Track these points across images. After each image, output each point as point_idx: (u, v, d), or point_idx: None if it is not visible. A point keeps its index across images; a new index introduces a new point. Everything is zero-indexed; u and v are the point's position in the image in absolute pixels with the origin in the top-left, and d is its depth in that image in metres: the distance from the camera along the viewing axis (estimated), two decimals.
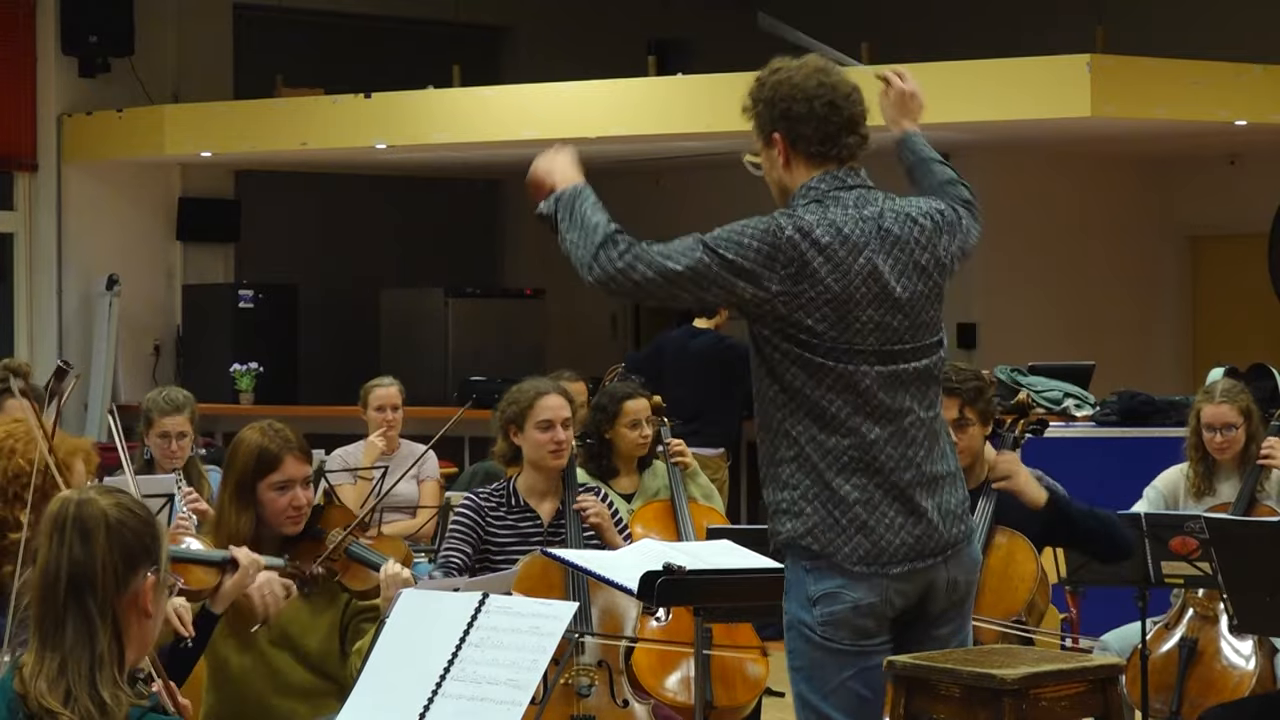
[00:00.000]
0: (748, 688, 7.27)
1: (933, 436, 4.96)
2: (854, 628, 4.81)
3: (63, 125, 14.78)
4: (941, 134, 13.18)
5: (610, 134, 13.18)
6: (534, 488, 6.84)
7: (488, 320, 15.69)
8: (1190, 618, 7.28)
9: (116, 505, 3.69)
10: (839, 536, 4.79)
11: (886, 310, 4.86)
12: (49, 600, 3.62)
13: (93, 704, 3.51)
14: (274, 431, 5.77)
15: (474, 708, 4.51)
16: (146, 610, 3.68)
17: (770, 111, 5.02)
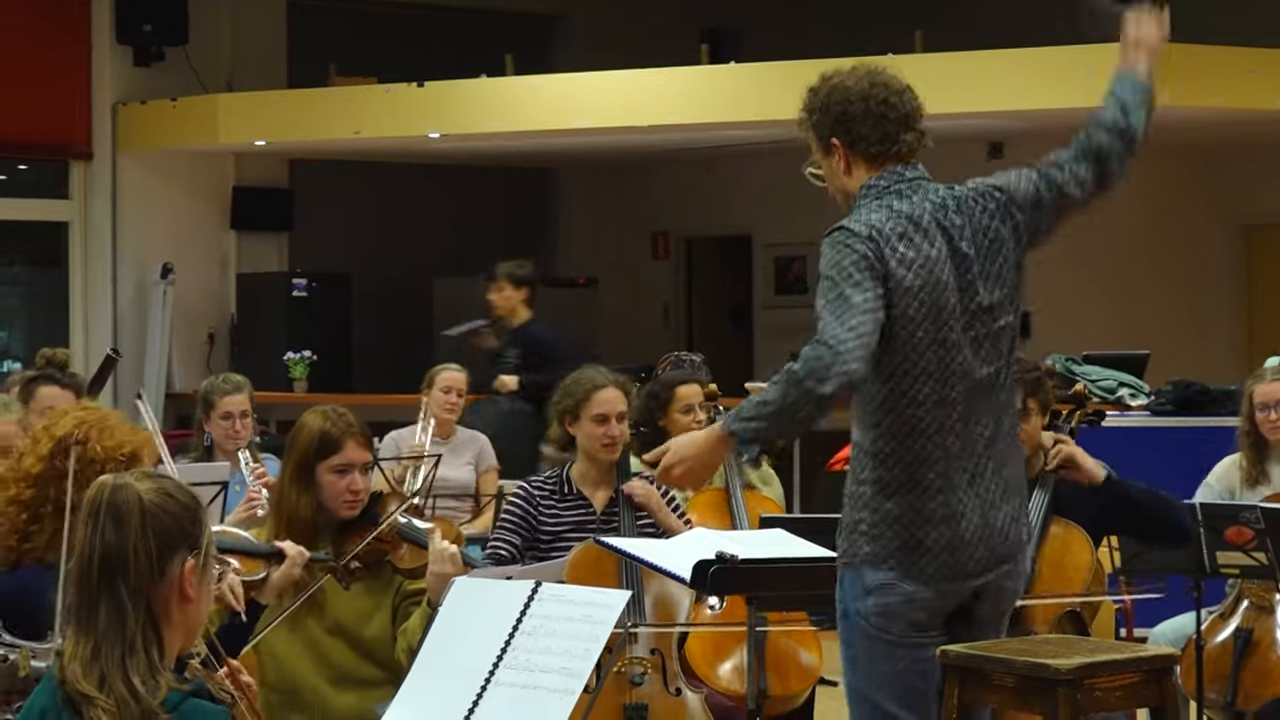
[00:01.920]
0: (801, 676, 7.25)
1: (1011, 439, 5.00)
2: (908, 620, 4.82)
3: (117, 114, 14.83)
4: (993, 122, 13.17)
5: (662, 123, 13.19)
6: (587, 476, 6.84)
7: (540, 309, 15.66)
8: (1246, 608, 7.24)
9: (153, 490, 3.68)
10: (921, 557, 4.80)
11: (966, 293, 4.87)
12: (84, 585, 3.62)
13: (126, 689, 3.51)
14: (336, 416, 5.81)
15: (527, 696, 4.51)
16: (188, 594, 3.68)
17: (826, 118, 5.00)
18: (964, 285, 4.88)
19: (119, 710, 3.49)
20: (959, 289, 4.86)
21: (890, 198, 4.89)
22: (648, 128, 13.36)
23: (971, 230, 4.94)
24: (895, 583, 4.80)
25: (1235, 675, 7.08)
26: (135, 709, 3.49)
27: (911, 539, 4.79)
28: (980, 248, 4.94)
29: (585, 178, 17.53)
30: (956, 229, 4.91)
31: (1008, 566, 4.89)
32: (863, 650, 4.86)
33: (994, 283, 4.95)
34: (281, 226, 15.74)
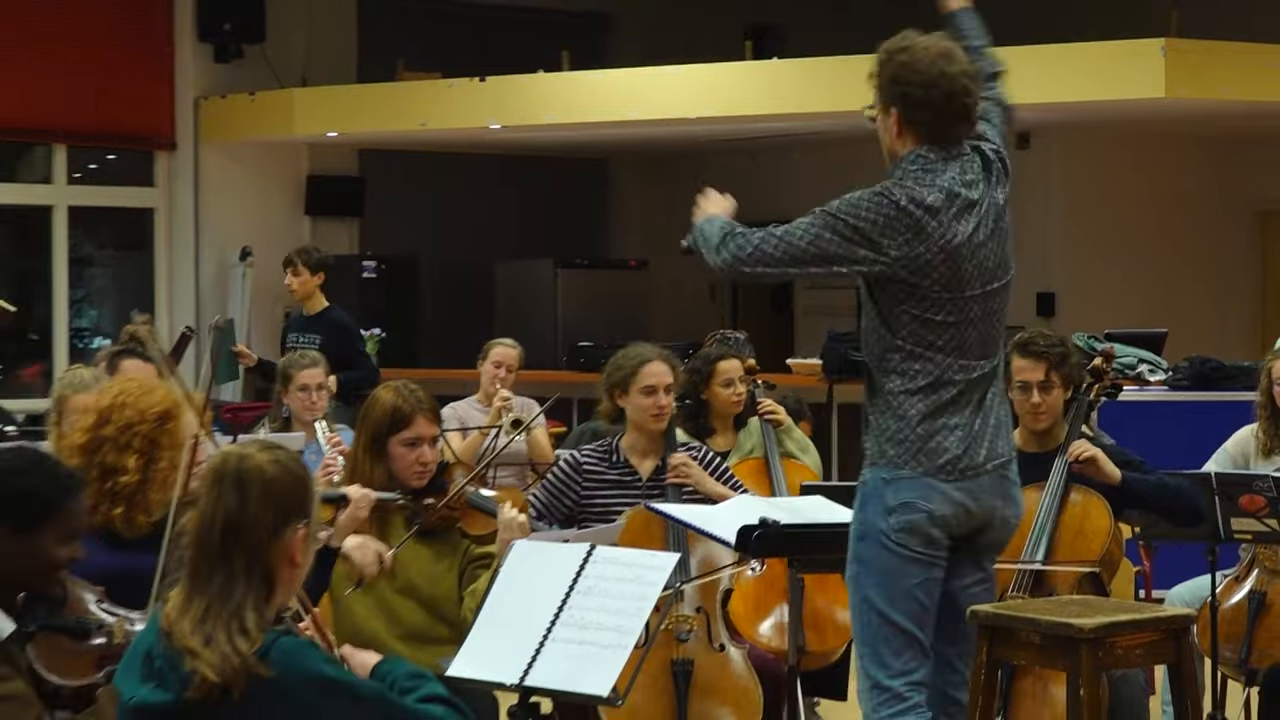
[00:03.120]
0: (837, 633, 7.26)
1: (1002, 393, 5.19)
2: (925, 536, 4.93)
3: (199, 107, 14.87)
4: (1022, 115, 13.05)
5: (709, 115, 13.17)
6: (636, 446, 6.85)
7: (595, 290, 15.71)
8: (1259, 572, 7.22)
9: (273, 461, 3.72)
10: (936, 452, 4.93)
11: (982, 258, 5.00)
12: (203, 548, 3.66)
13: (230, 647, 3.54)
14: (408, 392, 5.84)
15: (582, 651, 4.52)
16: (295, 560, 3.72)
17: (892, 88, 5.10)
18: (980, 250, 4.99)
19: (221, 664, 3.52)
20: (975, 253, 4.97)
21: (935, 171, 4.99)
22: (695, 119, 13.34)
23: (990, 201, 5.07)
24: (917, 500, 4.92)
25: (1249, 635, 7.05)
26: (235, 663, 3.53)
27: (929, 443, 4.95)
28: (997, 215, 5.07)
29: (636, 166, 17.51)
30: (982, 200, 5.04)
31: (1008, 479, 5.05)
32: (882, 565, 4.95)
33: (1001, 244, 5.08)
34: (352, 213, 15.76)
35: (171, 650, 3.60)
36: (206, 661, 3.52)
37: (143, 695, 3.62)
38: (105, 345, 11.76)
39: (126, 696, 3.67)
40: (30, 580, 4.23)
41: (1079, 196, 15.08)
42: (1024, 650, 4.77)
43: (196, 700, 3.54)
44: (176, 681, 3.57)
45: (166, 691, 3.59)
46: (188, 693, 3.53)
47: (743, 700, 6.24)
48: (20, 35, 14.09)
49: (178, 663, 3.58)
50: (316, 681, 3.58)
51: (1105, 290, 14.77)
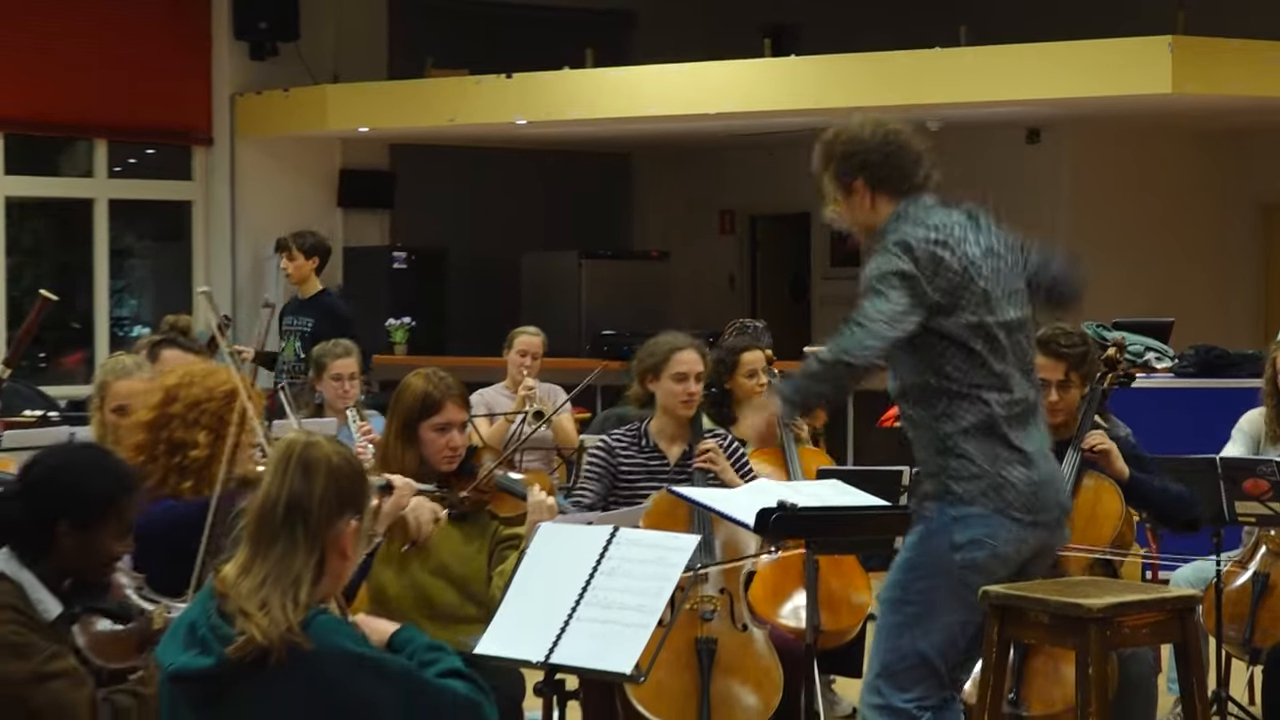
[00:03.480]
0: (852, 614, 7.27)
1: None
2: (987, 572, 4.91)
3: (235, 104, 14.89)
4: (1035, 110, 13.09)
5: (729, 110, 13.17)
6: (664, 431, 6.86)
7: (618, 280, 15.71)
8: (1263, 554, 7.20)
9: (338, 453, 3.76)
10: (1006, 492, 4.91)
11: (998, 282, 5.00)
12: (266, 522, 3.68)
13: (281, 614, 3.57)
14: (438, 379, 5.84)
15: (605, 630, 4.53)
16: (345, 552, 3.74)
17: (848, 164, 5.15)
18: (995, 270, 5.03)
19: (269, 628, 3.55)
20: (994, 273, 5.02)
21: (919, 215, 5.04)
22: (715, 115, 13.33)
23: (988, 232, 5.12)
24: (985, 539, 4.91)
25: (1253, 615, 7.04)
26: (281, 629, 3.55)
27: (999, 477, 4.93)
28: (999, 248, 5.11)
29: (658, 160, 17.51)
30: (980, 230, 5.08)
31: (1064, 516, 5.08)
32: (929, 600, 4.94)
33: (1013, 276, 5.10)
34: (383, 205, 15.78)
35: (221, 614, 3.62)
36: (257, 624, 3.56)
37: (183, 661, 3.65)
38: (144, 333, 11.77)
39: (167, 664, 3.69)
40: (87, 572, 4.27)
41: (1088, 189, 15.05)
42: (1034, 630, 4.76)
43: (235, 660, 3.55)
44: (218, 646, 3.59)
45: (207, 657, 3.61)
46: (230, 650, 3.55)
47: (764, 679, 6.24)
48: (63, 34, 14.12)
49: (223, 629, 3.60)
50: (344, 657, 3.60)
51: (1113, 280, 14.71)
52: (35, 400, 9.48)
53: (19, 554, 4.22)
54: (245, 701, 3.60)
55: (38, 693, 4.03)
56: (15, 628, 4.08)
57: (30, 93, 14.10)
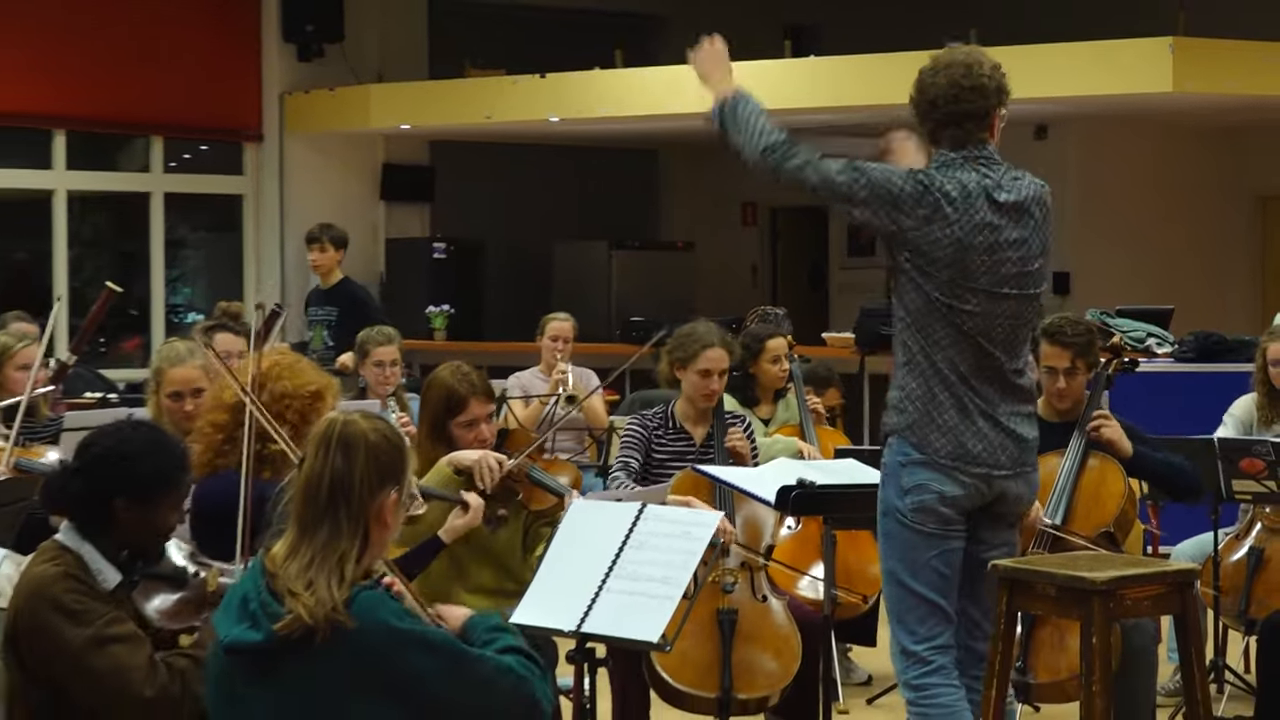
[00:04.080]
0: (868, 585, 7.25)
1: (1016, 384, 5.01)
2: (939, 515, 4.88)
3: (284, 102, 14.91)
4: (1042, 107, 13.04)
5: None
6: (688, 414, 6.87)
7: (646, 269, 15.71)
8: (1258, 530, 7.19)
9: (375, 429, 3.75)
10: (932, 434, 4.86)
11: (998, 256, 4.89)
12: (310, 502, 3.68)
13: (326, 593, 3.57)
14: (461, 375, 5.82)
15: (633, 602, 4.52)
16: (386, 522, 3.73)
17: (915, 103, 5.08)
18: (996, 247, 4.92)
19: (315, 607, 3.55)
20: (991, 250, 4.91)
21: (956, 168, 4.94)
22: None
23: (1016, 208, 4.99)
24: (929, 483, 4.87)
25: (1248, 588, 7.03)
26: (328, 607, 3.55)
27: (926, 416, 4.90)
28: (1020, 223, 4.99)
29: (684, 156, 17.49)
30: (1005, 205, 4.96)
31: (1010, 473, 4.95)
32: (902, 541, 4.92)
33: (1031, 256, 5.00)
34: (423, 199, 15.79)
35: (271, 592, 3.62)
36: (304, 604, 3.55)
37: (236, 634, 3.65)
38: (198, 320, 11.80)
39: (222, 635, 3.70)
40: (145, 544, 4.28)
41: (1092, 183, 15.01)
42: (1041, 601, 4.75)
43: (283, 637, 3.55)
44: (267, 623, 3.59)
45: (257, 632, 3.61)
46: (277, 628, 3.55)
47: (783, 647, 6.24)
48: (122, 39, 14.16)
49: (272, 606, 3.60)
50: (387, 632, 3.59)
51: (1116, 270, 14.71)
52: (95, 383, 9.51)
53: (79, 527, 4.23)
54: (293, 676, 3.60)
55: (97, 657, 4.04)
56: (76, 595, 4.10)
57: (91, 94, 14.14)
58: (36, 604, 4.09)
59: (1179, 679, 5.89)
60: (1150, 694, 6.35)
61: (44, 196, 14.25)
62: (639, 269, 15.66)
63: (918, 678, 4.92)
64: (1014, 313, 4.96)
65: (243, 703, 3.67)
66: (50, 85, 13.99)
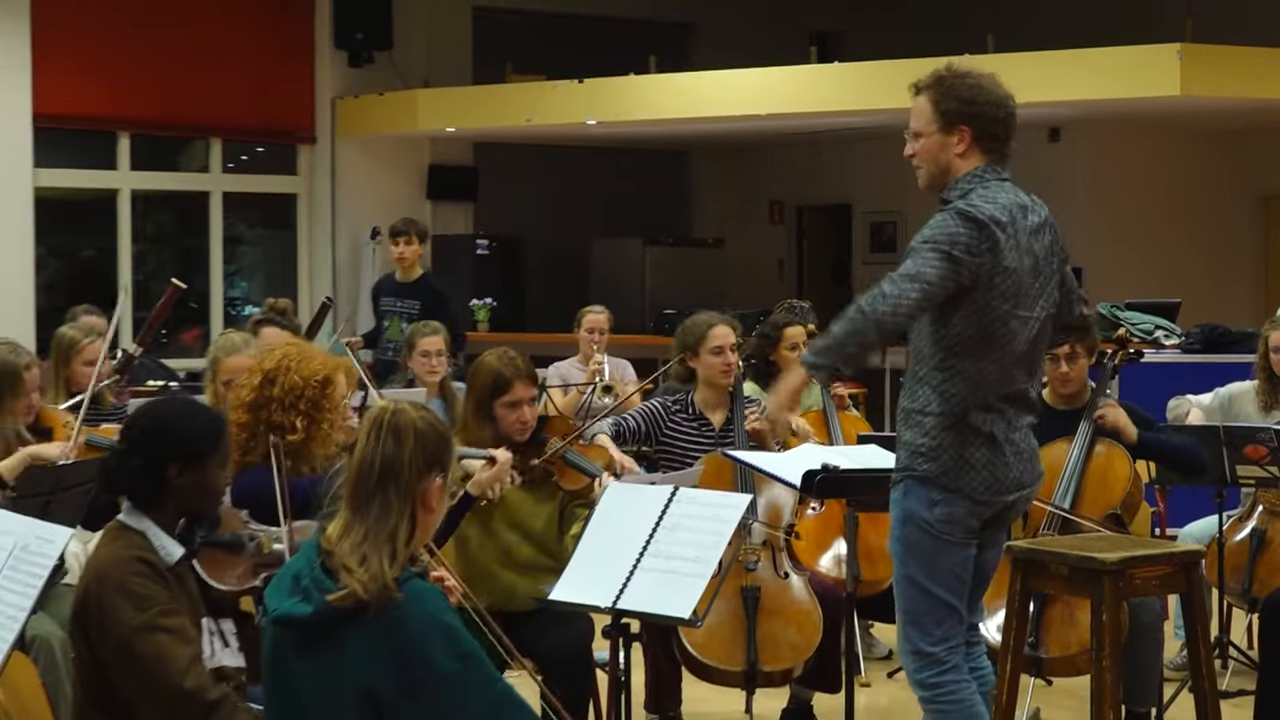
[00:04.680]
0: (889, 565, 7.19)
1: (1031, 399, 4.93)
2: (965, 526, 4.80)
3: (335, 106, 14.93)
4: (1055, 110, 13.00)
5: (778, 111, 13.14)
6: (707, 401, 6.88)
7: (678, 264, 15.69)
8: (1261, 512, 7.17)
9: (423, 418, 3.78)
10: (967, 475, 4.76)
11: (1038, 276, 4.81)
12: (362, 484, 3.70)
13: (378, 567, 3.59)
14: (507, 359, 5.84)
15: (666, 579, 4.53)
16: (431, 506, 3.76)
17: (964, 107, 4.81)
18: (1035, 270, 4.82)
19: (369, 582, 3.57)
20: (1032, 269, 4.80)
21: (993, 189, 4.77)
22: (765, 116, 13.30)
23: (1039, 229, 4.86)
24: (951, 501, 4.77)
25: (1251, 568, 7.02)
26: (380, 582, 3.57)
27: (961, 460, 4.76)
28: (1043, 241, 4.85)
29: (714, 157, 17.48)
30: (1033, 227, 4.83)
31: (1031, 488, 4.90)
32: (926, 549, 4.82)
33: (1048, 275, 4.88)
34: (468, 198, 15.80)
35: (325, 569, 3.64)
36: (359, 578, 3.57)
37: (286, 607, 3.67)
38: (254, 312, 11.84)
39: (272, 609, 3.72)
40: (202, 506, 4.31)
41: (1103, 183, 14.96)
42: (1053, 581, 4.74)
43: (335, 609, 3.57)
44: (319, 596, 3.61)
45: (308, 604, 3.63)
46: (332, 599, 3.57)
47: (804, 621, 6.24)
48: (183, 46, 14.19)
49: (325, 582, 3.61)
50: (435, 624, 3.60)
51: (1126, 265, 14.66)
52: (158, 372, 9.54)
53: (138, 504, 4.25)
54: (339, 646, 3.62)
55: (143, 642, 4.04)
56: (140, 580, 4.10)
57: (154, 98, 14.18)
58: (103, 583, 4.11)
59: (1185, 655, 5.88)
60: (1156, 668, 6.33)
61: (109, 196, 14.30)
62: (671, 264, 15.64)
63: (933, 677, 4.86)
64: (1042, 332, 4.87)
65: (293, 673, 3.69)
66: (115, 91, 14.04)
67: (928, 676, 4.86)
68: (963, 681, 4.84)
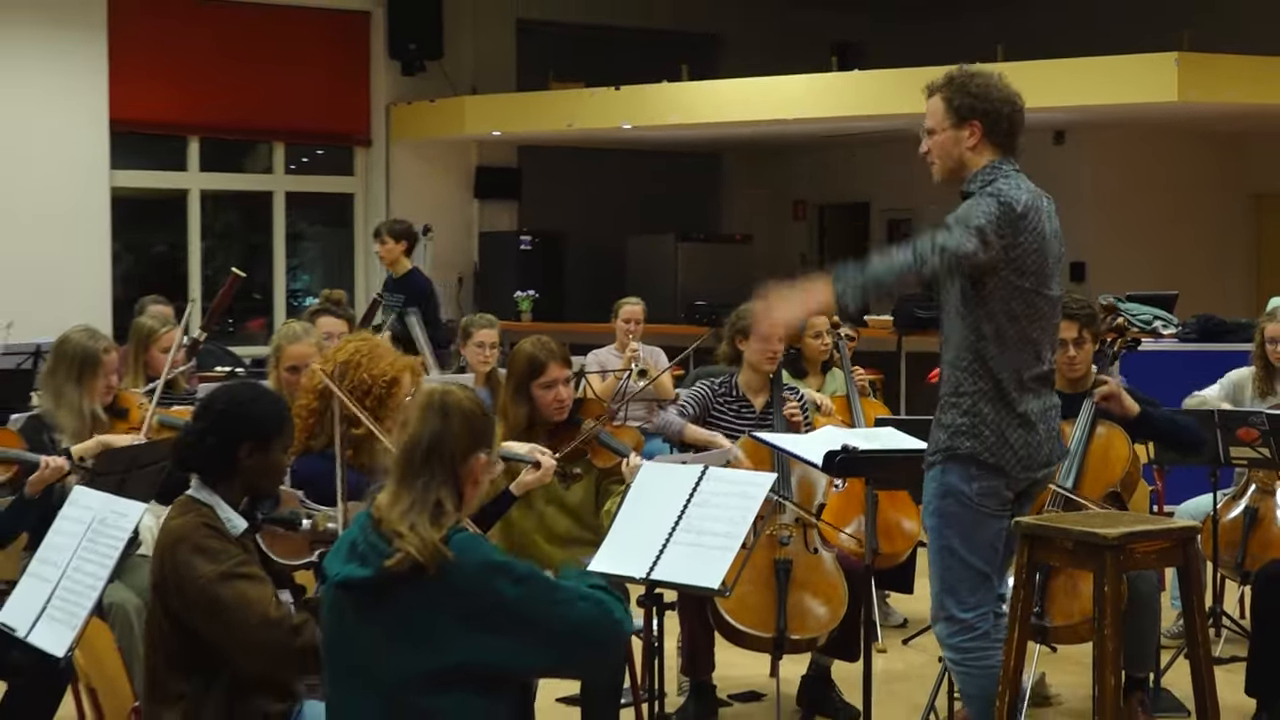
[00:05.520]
0: (904, 539, 7.24)
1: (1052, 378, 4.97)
2: (1001, 498, 4.83)
3: (390, 112, 14.95)
4: (1059, 115, 12.95)
5: (801, 116, 13.12)
6: (750, 384, 6.90)
7: (708, 259, 15.68)
8: (1253, 491, 7.14)
9: (469, 399, 3.79)
10: (1005, 452, 4.80)
11: (1057, 257, 4.85)
12: (410, 458, 3.71)
13: (427, 533, 3.60)
14: (542, 344, 5.84)
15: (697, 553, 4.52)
16: (476, 480, 3.77)
17: (974, 103, 4.82)
18: (1054, 251, 4.85)
19: (420, 545, 3.57)
20: (1053, 252, 4.84)
21: (1012, 179, 4.80)
22: (790, 120, 13.28)
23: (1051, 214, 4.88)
24: (990, 477, 4.80)
25: (1244, 543, 6.98)
26: (430, 544, 3.58)
27: (1001, 439, 4.80)
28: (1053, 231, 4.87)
29: (742, 158, 17.46)
30: (1049, 213, 4.86)
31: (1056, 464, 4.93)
32: (964, 521, 4.84)
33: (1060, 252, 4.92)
34: (512, 197, 15.81)
35: (377, 535, 3.65)
36: (410, 542, 3.58)
37: (346, 571, 3.68)
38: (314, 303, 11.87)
39: (332, 574, 3.72)
40: (266, 484, 4.33)
41: (1105, 183, 14.91)
42: (1058, 554, 4.71)
43: (393, 572, 3.58)
44: (376, 560, 3.62)
45: (366, 568, 3.64)
46: (389, 563, 3.57)
47: (832, 593, 6.23)
48: (249, 57, 14.25)
49: (380, 546, 3.62)
50: (485, 564, 3.62)
51: (1126, 259, 14.61)
52: (225, 358, 9.58)
53: (207, 481, 4.27)
54: (398, 607, 3.62)
55: (225, 589, 4.07)
56: (212, 538, 4.14)
57: (222, 105, 14.24)
58: (177, 546, 4.13)
59: (1181, 624, 5.85)
60: (1154, 636, 6.32)
61: (180, 196, 14.36)
62: (702, 258, 15.63)
63: (965, 642, 4.88)
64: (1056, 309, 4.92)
65: (353, 633, 3.69)
66: (186, 98, 14.10)
67: (959, 641, 4.89)
68: (991, 647, 4.85)
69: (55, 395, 6.13)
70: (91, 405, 6.12)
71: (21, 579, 4.42)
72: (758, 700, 6.70)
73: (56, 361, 6.19)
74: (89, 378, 6.12)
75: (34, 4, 13.14)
